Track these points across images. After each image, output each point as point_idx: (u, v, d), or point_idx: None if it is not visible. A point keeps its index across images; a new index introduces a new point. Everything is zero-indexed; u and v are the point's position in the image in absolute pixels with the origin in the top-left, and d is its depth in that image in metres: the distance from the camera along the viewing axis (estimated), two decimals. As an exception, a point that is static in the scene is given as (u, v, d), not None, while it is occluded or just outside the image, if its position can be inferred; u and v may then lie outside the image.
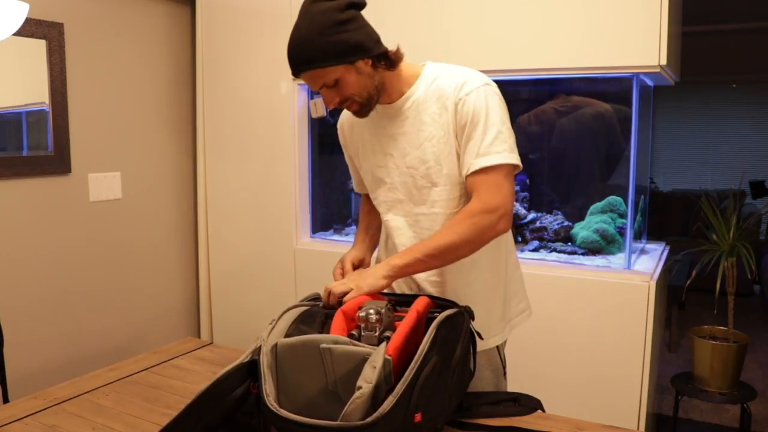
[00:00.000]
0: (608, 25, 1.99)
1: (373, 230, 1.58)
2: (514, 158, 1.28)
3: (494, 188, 1.25)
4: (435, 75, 1.36)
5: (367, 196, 1.63)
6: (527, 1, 2.10)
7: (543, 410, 1.28)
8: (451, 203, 1.35)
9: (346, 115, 1.51)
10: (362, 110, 1.33)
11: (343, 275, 1.41)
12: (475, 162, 1.26)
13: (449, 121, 1.30)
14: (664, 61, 1.92)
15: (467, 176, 1.29)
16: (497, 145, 1.26)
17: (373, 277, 1.25)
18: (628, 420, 2.06)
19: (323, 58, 1.23)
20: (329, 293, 1.25)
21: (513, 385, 1.52)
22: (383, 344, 0.98)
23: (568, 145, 2.54)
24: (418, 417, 0.96)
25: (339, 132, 1.55)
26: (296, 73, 1.27)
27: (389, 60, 1.31)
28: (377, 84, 1.31)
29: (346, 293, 1.23)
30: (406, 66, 1.36)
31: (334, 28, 1.22)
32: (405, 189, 1.39)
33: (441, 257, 1.27)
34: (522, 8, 2.12)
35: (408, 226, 1.40)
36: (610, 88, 2.33)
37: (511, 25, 2.13)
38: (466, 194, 1.33)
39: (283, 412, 0.94)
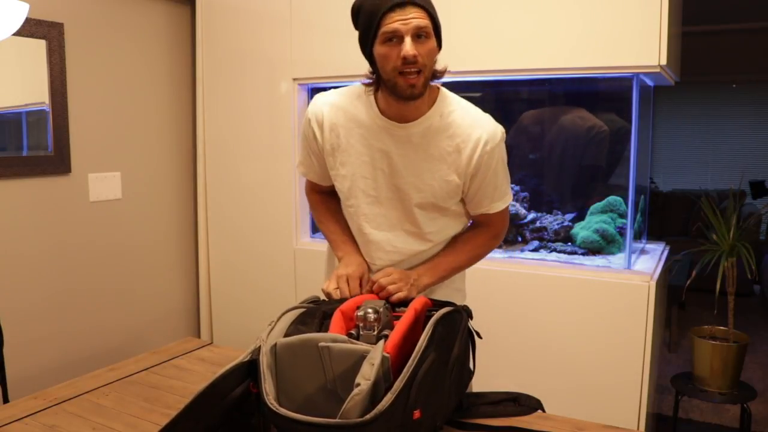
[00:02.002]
0: (608, 25, 1.99)
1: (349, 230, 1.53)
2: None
3: (504, 220, 1.52)
4: (450, 107, 1.38)
5: (321, 191, 1.58)
6: (527, 0, 2.11)
7: (543, 410, 1.28)
8: (434, 224, 1.44)
9: (326, 111, 1.44)
10: (421, 87, 1.29)
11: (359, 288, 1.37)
12: (494, 205, 1.46)
13: (462, 165, 1.37)
14: (664, 61, 1.92)
15: (485, 213, 1.46)
16: (507, 187, 1.49)
17: (416, 289, 1.37)
18: (628, 420, 2.06)
19: (435, 14, 1.33)
20: (381, 288, 1.30)
21: (513, 385, 1.52)
22: (381, 342, 0.99)
23: (557, 152, 2.54)
24: (417, 414, 0.96)
25: (313, 124, 1.44)
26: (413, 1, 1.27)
27: (437, 70, 1.36)
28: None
29: (395, 293, 1.30)
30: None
31: None
32: (391, 206, 1.41)
33: (456, 272, 1.51)
34: (522, 8, 2.12)
35: (388, 242, 1.43)
36: (610, 88, 2.33)
37: (511, 24, 2.14)
38: (451, 216, 1.45)
39: (283, 411, 0.94)
